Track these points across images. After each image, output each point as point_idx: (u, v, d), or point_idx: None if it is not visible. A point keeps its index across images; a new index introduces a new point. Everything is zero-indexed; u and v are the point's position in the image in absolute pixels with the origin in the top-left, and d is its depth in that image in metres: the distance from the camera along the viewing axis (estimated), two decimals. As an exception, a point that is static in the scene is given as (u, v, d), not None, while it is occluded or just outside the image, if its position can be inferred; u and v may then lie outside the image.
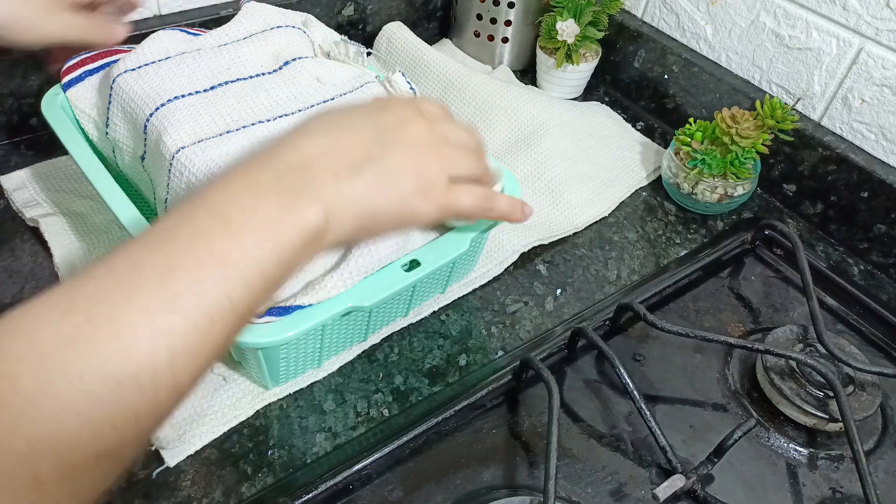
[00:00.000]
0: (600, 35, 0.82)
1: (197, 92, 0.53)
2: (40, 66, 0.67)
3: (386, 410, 0.52)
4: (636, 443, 0.51)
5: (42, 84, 0.68)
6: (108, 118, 0.56)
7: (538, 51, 0.85)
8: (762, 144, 0.66)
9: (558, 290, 0.62)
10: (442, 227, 0.53)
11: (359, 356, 0.55)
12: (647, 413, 0.49)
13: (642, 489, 0.49)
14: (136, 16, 0.72)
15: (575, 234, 0.68)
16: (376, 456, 0.47)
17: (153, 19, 0.74)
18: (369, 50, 0.63)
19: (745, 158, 0.66)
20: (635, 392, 0.50)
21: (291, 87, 0.56)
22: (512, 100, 0.77)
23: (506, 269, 0.63)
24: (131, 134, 0.54)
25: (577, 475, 0.49)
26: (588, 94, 0.87)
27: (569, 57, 0.81)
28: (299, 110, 0.55)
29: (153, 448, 0.47)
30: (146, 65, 0.55)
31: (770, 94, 0.73)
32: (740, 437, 0.48)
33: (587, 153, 0.75)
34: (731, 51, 0.76)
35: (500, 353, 0.57)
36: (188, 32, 0.60)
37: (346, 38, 0.63)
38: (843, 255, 0.69)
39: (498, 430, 0.51)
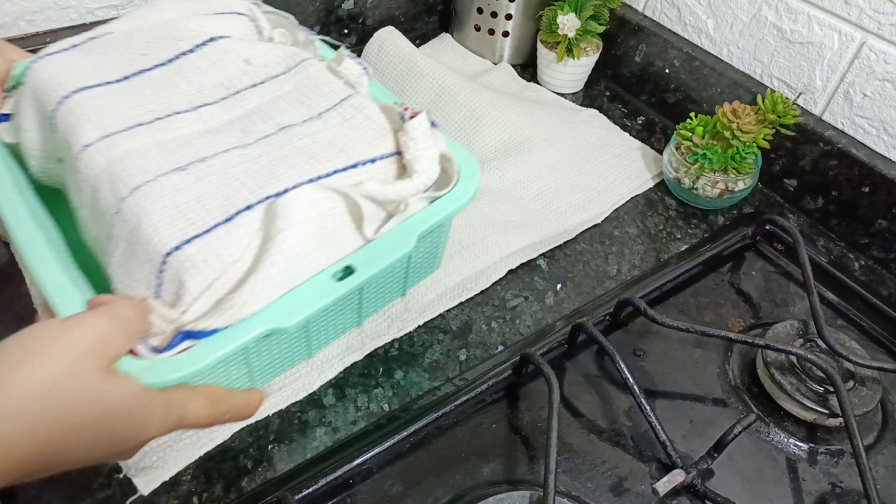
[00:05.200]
0: (601, 29, 0.82)
1: (106, 83, 0.48)
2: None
3: (386, 405, 0.52)
4: (636, 438, 0.51)
5: None
6: (17, 121, 0.49)
7: (539, 45, 0.84)
8: (763, 139, 0.66)
9: (559, 285, 0.62)
10: (385, 220, 0.47)
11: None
12: (647, 408, 0.49)
13: (642, 484, 0.49)
14: (135, 9, 0.72)
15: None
16: (376, 450, 0.47)
17: (152, 13, 0.73)
18: (324, 38, 0.58)
19: (746, 153, 0.66)
20: (635, 387, 0.50)
21: (216, 71, 0.51)
22: (503, 110, 0.76)
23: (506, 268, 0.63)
24: (40, 133, 0.48)
25: (577, 470, 0.49)
26: (589, 88, 0.87)
27: (570, 51, 0.81)
28: (223, 98, 0.49)
29: (123, 476, 0.45)
30: (56, 53, 0.49)
31: (771, 89, 0.73)
32: (740, 432, 0.48)
33: (579, 164, 0.74)
34: (732, 45, 0.76)
35: (501, 347, 0.56)
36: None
37: (295, 20, 0.58)
38: (844, 250, 0.69)
39: (498, 425, 0.51)
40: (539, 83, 0.87)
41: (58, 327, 0.33)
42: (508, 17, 0.85)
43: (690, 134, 0.69)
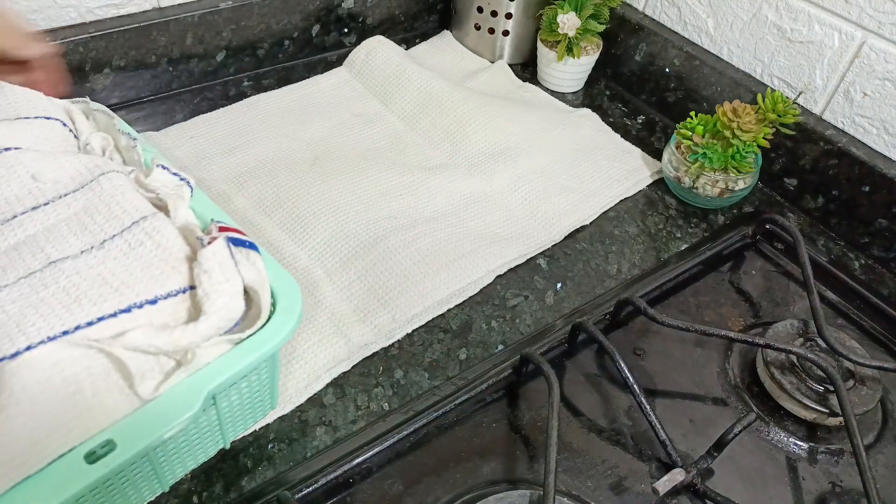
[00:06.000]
0: (601, 28, 0.82)
1: None
2: None
3: (386, 404, 0.52)
4: (636, 437, 0.51)
5: None
6: None
7: (539, 44, 0.84)
8: (763, 138, 0.66)
9: (559, 285, 0.62)
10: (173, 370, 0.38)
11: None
12: (647, 407, 0.49)
13: (642, 483, 0.49)
14: (134, 8, 0.72)
15: (574, 230, 0.68)
16: (376, 449, 0.47)
17: (153, 12, 0.73)
18: (143, 145, 0.50)
19: (747, 152, 0.66)
20: (635, 386, 0.50)
21: None
22: (491, 116, 0.75)
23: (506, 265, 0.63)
24: None
25: (577, 469, 0.49)
26: (589, 87, 0.87)
27: (570, 50, 0.81)
28: None
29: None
30: None
31: (772, 88, 0.73)
32: (740, 432, 0.48)
33: (568, 167, 0.73)
34: (732, 44, 0.76)
35: (501, 347, 0.56)
36: None
37: (119, 121, 0.51)
38: (844, 249, 0.69)
39: (498, 424, 0.51)
40: (539, 82, 0.87)
41: None
42: (508, 16, 0.85)
43: (691, 133, 0.69)
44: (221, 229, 0.42)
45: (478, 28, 0.87)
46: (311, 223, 0.63)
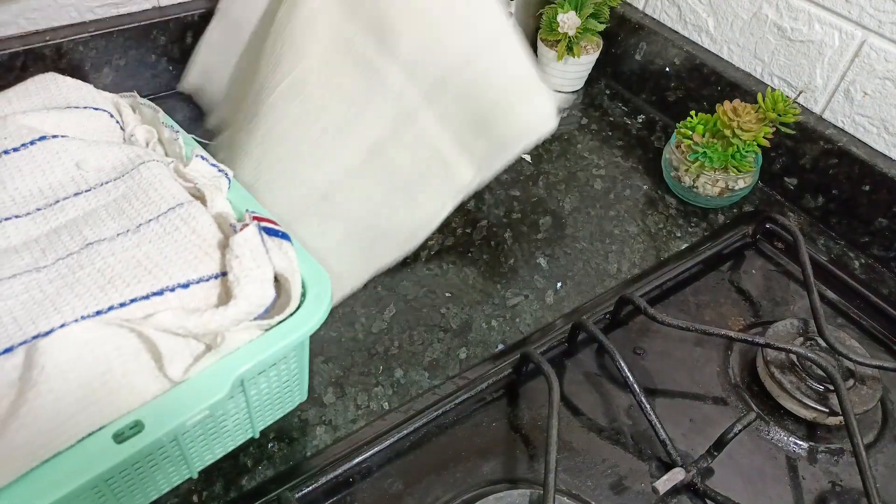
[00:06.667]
0: (602, 27, 0.81)
1: None
2: None
3: (386, 403, 0.52)
4: (636, 436, 0.51)
5: None
6: None
7: (539, 43, 0.84)
8: (763, 138, 0.66)
9: (559, 284, 0.62)
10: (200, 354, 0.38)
11: (358, 350, 0.55)
12: (647, 406, 0.49)
13: (642, 482, 0.49)
14: (134, 7, 0.72)
15: (574, 229, 0.68)
16: (376, 449, 0.47)
17: (152, 11, 0.73)
18: (196, 138, 0.53)
19: (747, 152, 0.66)
20: (635, 385, 0.50)
21: (39, 175, 0.44)
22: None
23: (507, 265, 0.63)
24: None
25: (577, 468, 0.49)
26: (589, 86, 0.87)
27: (570, 49, 0.81)
28: (38, 209, 0.43)
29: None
30: None
31: (772, 87, 0.73)
32: (740, 431, 0.48)
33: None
34: (732, 43, 0.76)
35: (501, 346, 0.56)
36: None
37: (163, 115, 0.52)
38: (844, 248, 0.69)
39: (498, 424, 0.51)
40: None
41: None
42: (509, 15, 0.84)
43: (691, 132, 0.69)
44: (255, 218, 0.43)
45: (478, 27, 0.87)
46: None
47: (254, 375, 0.39)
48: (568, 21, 0.79)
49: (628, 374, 0.50)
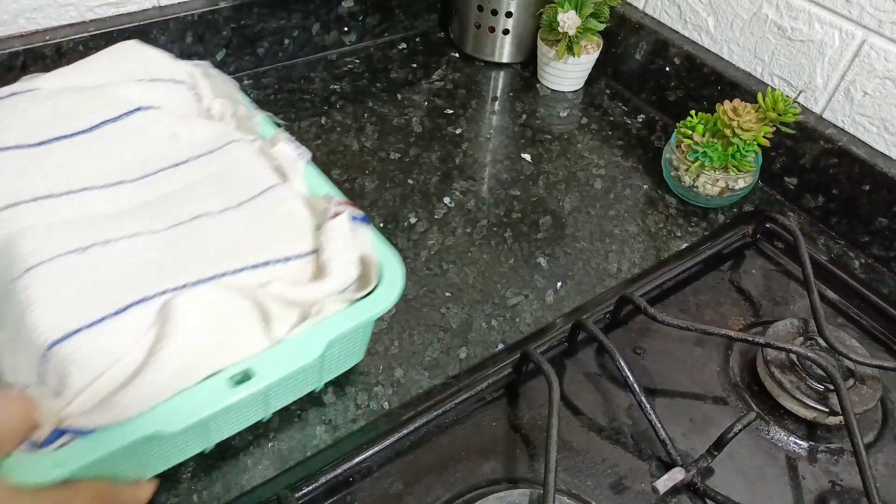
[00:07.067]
0: (602, 27, 0.81)
1: (20, 146, 0.45)
2: None
3: (386, 403, 0.52)
4: (636, 436, 0.51)
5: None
6: None
7: (539, 42, 0.84)
8: (764, 137, 0.66)
9: (559, 283, 0.62)
10: (300, 319, 0.44)
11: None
12: (647, 406, 0.49)
13: (642, 482, 0.49)
14: (134, 7, 0.72)
15: (574, 228, 0.68)
16: (376, 448, 0.47)
17: (152, 10, 0.73)
18: (270, 114, 0.56)
19: (747, 151, 0.66)
20: (635, 385, 0.50)
21: (138, 144, 0.48)
22: None
23: (507, 265, 0.63)
24: None
25: (577, 468, 0.49)
26: (589, 86, 0.87)
27: (570, 49, 0.81)
28: (141, 177, 0.47)
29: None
30: None
31: (772, 87, 0.73)
32: (740, 431, 0.48)
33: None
34: (732, 43, 0.76)
35: (501, 345, 0.56)
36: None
37: (237, 88, 0.55)
38: (844, 248, 0.68)
39: (498, 423, 0.51)
40: (539, 81, 0.87)
41: None
42: (509, 14, 0.85)
43: (691, 132, 0.69)
44: (341, 204, 0.47)
45: (478, 26, 0.87)
46: None
47: (338, 341, 0.44)
48: (568, 20, 0.79)
49: (628, 374, 0.50)
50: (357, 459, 0.46)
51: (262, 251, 0.44)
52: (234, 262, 0.43)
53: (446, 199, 0.69)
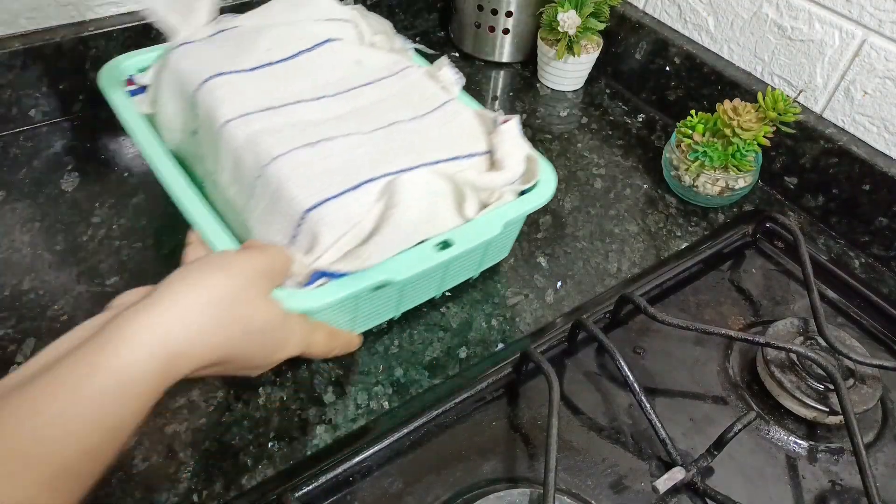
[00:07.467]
0: (602, 26, 0.81)
1: (240, 71, 0.56)
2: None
3: (386, 402, 0.52)
4: (636, 435, 0.51)
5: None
6: (155, 97, 0.58)
7: (539, 42, 0.84)
8: (764, 137, 0.66)
9: (559, 283, 0.62)
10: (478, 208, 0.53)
11: (358, 349, 0.55)
12: (647, 406, 0.49)
13: (642, 481, 0.49)
14: (134, 6, 0.72)
15: (574, 228, 0.68)
16: (376, 448, 0.47)
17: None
18: (416, 46, 0.67)
19: (747, 151, 0.66)
20: (635, 385, 0.50)
21: (331, 69, 0.59)
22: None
23: (507, 264, 0.63)
24: (181, 110, 0.57)
25: (577, 467, 0.49)
26: (589, 86, 0.87)
27: (570, 48, 0.80)
28: (339, 93, 0.57)
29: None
30: (192, 42, 0.58)
31: (772, 87, 0.73)
32: (740, 430, 0.48)
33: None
34: (733, 42, 0.76)
35: (501, 345, 0.56)
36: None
37: (392, 27, 0.66)
38: (845, 247, 0.68)
39: (498, 423, 0.51)
40: (539, 80, 0.87)
41: (234, 256, 0.41)
42: (509, 14, 0.84)
43: (691, 132, 0.69)
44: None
45: (478, 26, 0.87)
46: None
47: (510, 225, 0.54)
48: (568, 20, 0.79)
49: (628, 374, 0.50)
50: (357, 459, 0.47)
51: (451, 148, 0.54)
52: (433, 155, 0.52)
53: (446, 199, 0.69)
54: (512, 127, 0.55)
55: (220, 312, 0.37)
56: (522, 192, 0.55)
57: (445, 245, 0.49)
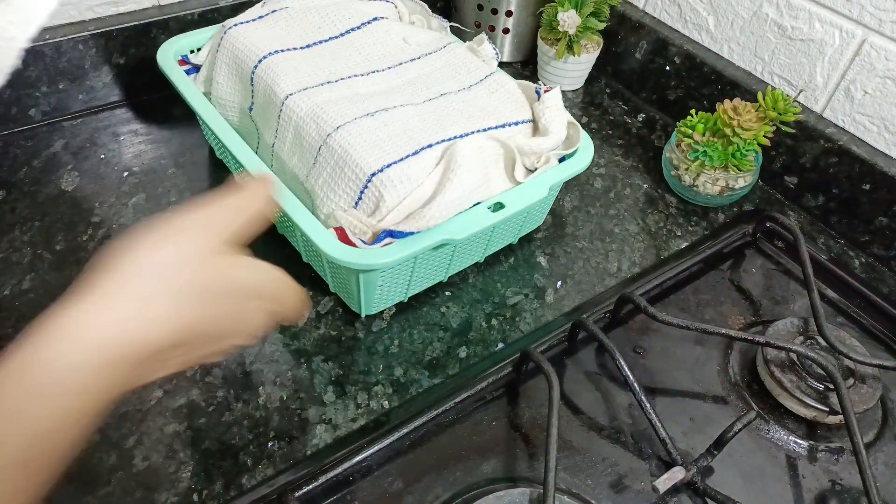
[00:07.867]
0: (602, 26, 0.81)
1: (293, 49, 0.60)
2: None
3: (386, 402, 0.52)
4: (636, 435, 0.51)
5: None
6: (212, 77, 0.62)
7: (539, 41, 0.84)
8: (764, 136, 0.66)
9: (559, 283, 0.62)
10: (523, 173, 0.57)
11: (358, 348, 0.55)
12: (647, 405, 0.49)
13: (642, 481, 0.49)
14: (134, 6, 0.72)
15: (574, 227, 0.68)
16: (376, 448, 0.47)
17: (152, 9, 0.73)
18: (453, 24, 0.72)
19: (747, 150, 0.66)
20: (635, 384, 0.50)
21: (380, 46, 0.63)
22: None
23: (507, 264, 0.63)
24: (237, 87, 0.61)
25: (577, 467, 0.49)
26: (589, 85, 0.87)
27: (570, 48, 0.80)
28: (389, 67, 0.61)
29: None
30: (245, 22, 0.62)
31: (772, 86, 0.73)
32: (740, 430, 0.48)
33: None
34: (733, 42, 0.76)
35: (501, 345, 0.56)
36: None
37: (428, 8, 0.71)
38: (845, 247, 0.68)
39: (498, 422, 0.51)
40: (539, 80, 0.87)
41: (166, 227, 0.36)
42: (509, 13, 0.84)
43: (691, 131, 0.69)
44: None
45: (478, 25, 0.87)
46: None
47: (553, 189, 0.58)
48: (568, 19, 0.79)
49: (628, 373, 0.50)
50: (357, 458, 0.47)
51: (499, 116, 0.57)
52: (483, 122, 0.56)
53: (446, 199, 0.69)
54: (554, 95, 0.59)
55: (163, 284, 0.33)
56: (562, 160, 0.58)
57: (499, 206, 0.52)
